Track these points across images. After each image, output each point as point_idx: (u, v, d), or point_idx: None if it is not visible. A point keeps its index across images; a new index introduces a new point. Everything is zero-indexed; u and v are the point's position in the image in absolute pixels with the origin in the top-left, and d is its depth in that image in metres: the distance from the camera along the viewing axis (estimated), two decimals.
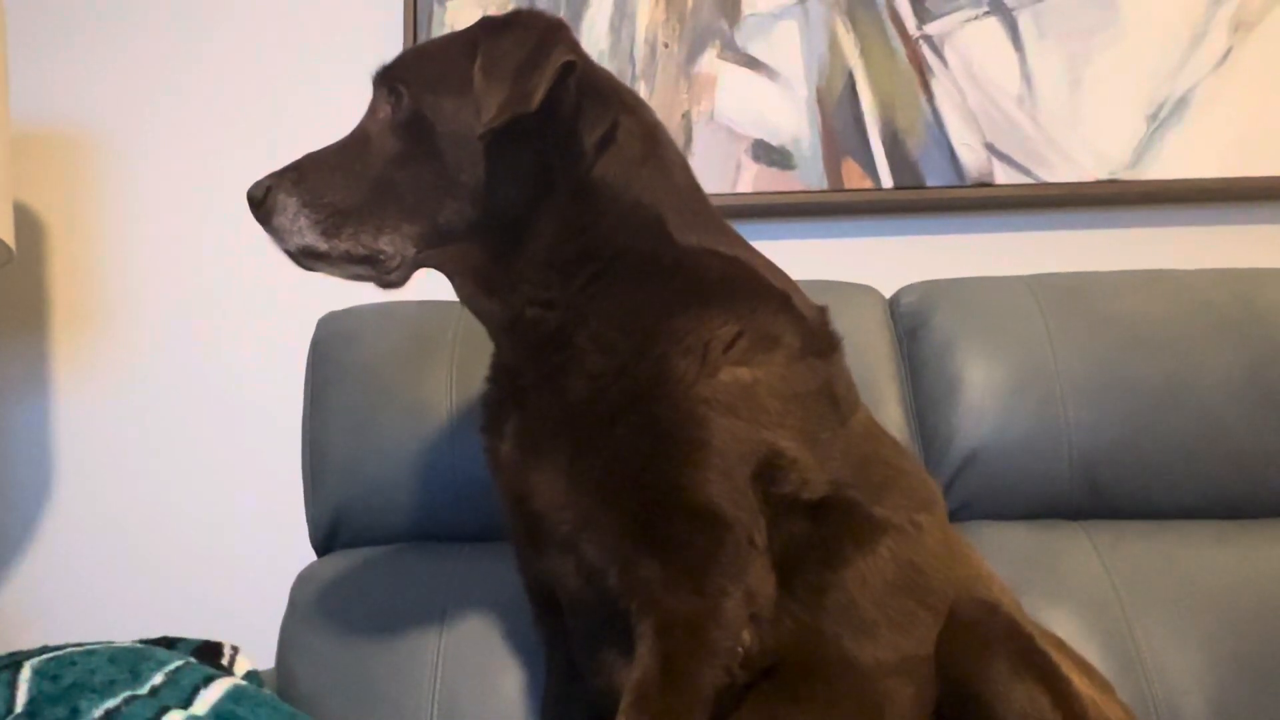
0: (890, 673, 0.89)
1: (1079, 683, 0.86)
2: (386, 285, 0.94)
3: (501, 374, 1.03)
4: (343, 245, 0.90)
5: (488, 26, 0.93)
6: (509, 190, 0.91)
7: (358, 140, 0.94)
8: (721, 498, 0.86)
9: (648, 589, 0.86)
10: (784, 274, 1.03)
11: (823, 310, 1.02)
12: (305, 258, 0.92)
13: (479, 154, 0.90)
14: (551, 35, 0.90)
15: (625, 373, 0.90)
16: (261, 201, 0.91)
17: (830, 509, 0.92)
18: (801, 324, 0.97)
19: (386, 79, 0.94)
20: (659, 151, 0.98)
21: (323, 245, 0.90)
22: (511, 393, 0.99)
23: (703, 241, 0.97)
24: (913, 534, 0.95)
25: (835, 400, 0.97)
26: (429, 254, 0.93)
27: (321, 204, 0.90)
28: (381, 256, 0.91)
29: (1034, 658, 0.85)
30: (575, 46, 0.93)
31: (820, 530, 0.92)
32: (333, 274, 0.95)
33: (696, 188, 1.02)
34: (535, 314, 0.94)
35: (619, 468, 0.88)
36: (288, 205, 0.90)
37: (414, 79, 0.92)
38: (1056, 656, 0.87)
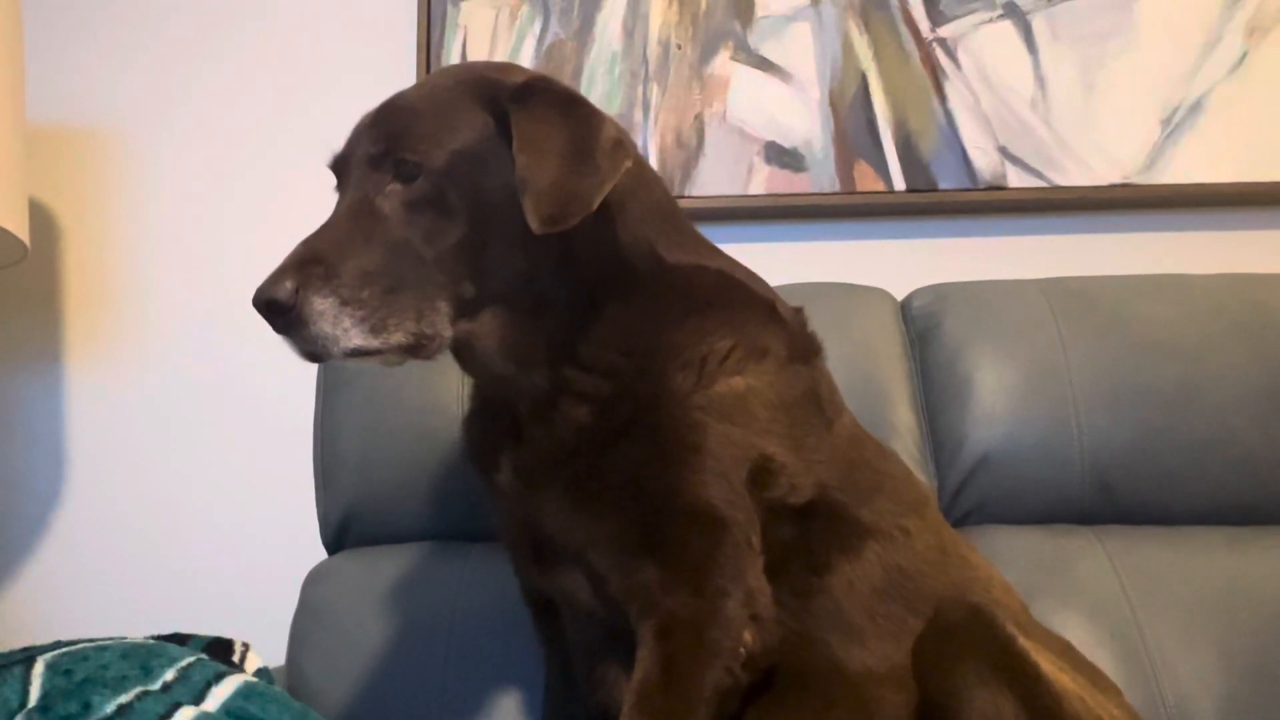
0: (879, 682, 0.89)
1: (1064, 682, 0.83)
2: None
3: (490, 405, 1.01)
4: (394, 339, 0.82)
5: (512, 94, 0.87)
6: (535, 258, 0.88)
7: (366, 217, 0.85)
8: (718, 499, 0.86)
9: (647, 592, 0.85)
10: (761, 279, 1.03)
11: (799, 311, 1.02)
12: (349, 358, 0.83)
13: (508, 229, 0.86)
14: (592, 114, 0.87)
15: (627, 394, 0.89)
16: (290, 308, 0.79)
17: (816, 513, 0.92)
18: (787, 332, 0.97)
19: (388, 153, 0.86)
20: (642, 175, 0.96)
21: (374, 343, 0.81)
22: (503, 427, 0.97)
23: (689, 257, 0.96)
24: (900, 540, 0.95)
25: (820, 405, 0.97)
26: (461, 327, 0.88)
27: (361, 299, 0.81)
28: (424, 341, 0.84)
29: (1011, 660, 0.82)
30: (611, 121, 0.89)
31: (806, 534, 0.92)
32: (364, 365, 0.88)
33: (672, 202, 1.01)
34: (546, 374, 0.92)
35: (619, 479, 0.88)
36: (326, 309, 0.80)
37: (418, 147, 0.86)
38: (1040, 656, 0.84)
